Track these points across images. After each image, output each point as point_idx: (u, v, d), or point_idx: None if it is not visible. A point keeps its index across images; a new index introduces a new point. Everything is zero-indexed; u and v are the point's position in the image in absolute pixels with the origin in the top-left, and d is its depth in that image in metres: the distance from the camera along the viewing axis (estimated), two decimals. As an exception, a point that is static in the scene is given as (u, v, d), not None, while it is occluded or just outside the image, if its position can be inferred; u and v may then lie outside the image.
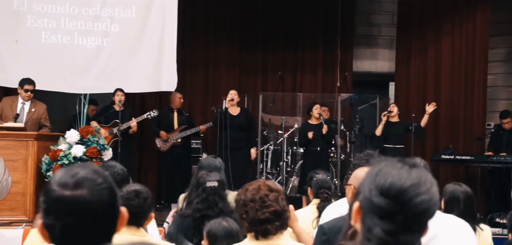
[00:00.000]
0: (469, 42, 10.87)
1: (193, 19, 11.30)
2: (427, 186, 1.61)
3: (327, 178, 4.72)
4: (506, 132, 9.92)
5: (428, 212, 1.60)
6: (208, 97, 11.43)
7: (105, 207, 1.59)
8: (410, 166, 1.63)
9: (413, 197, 1.58)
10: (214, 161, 4.94)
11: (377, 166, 1.66)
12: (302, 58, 11.66)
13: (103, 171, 1.64)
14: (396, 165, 1.64)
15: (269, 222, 2.86)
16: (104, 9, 9.86)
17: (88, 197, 1.56)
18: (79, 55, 9.75)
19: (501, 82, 11.40)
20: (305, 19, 11.59)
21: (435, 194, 1.61)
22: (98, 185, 1.59)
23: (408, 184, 1.59)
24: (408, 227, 1.58)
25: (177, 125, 10.08)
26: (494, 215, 9.03)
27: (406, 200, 1.58)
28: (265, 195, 2.90)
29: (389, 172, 1.62)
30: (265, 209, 2.86)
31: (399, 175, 1.60)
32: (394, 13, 11.74)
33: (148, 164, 11.16)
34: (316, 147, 9.74)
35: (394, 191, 1.59)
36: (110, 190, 1.62)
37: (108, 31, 9.87)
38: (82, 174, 1.60)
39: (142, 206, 3.23)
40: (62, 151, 7.92)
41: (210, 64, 11.54)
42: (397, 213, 1.58)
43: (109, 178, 1.64)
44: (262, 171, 10.42)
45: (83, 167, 1.63)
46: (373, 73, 12.14)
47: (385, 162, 1.66)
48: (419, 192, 1.58)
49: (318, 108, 9.87)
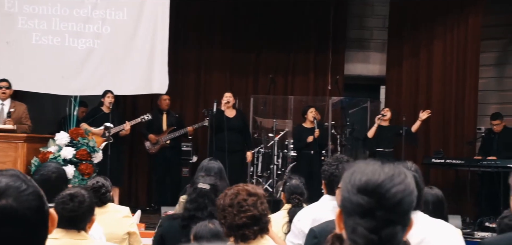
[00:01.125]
0: (461, 46, 10.89)
1: (185, 20, 11.29)
2: (401, 178, 1.63)
3: (300, 184, 4.72)
4: (497, 135, 9.93)
5: (405, 201, 1.62)
6: (199, 99, 11.43)
7: (34, 213, 1.49)
8: (382, 162, 1.67)
9: (389, 189, 1.61)
10: (213, 163, 4.96)
11: (351, 167, 1.69)
12: (294, 61, 11.67)
13: (25, 175, 1.54)
14: (369, 163, 1.67)
15: (247, 227, 2.86)
16: (95, 11, 9.85)
17: (14, 205, 1.46)
18: (70, 56, 9.73)
19: (492, 86, 11.42)
20: (297, 22, 11.60)
21: (410, 184, 1.64)
22: (22, 192, 1.48)
23: (383, 178, 1.62)
24: (389, 220, 1.60)
25: (166, 126, 10.09)
26: (484, 219, 9.06)
27: (382, 193, 1.60)
28: (243, 199, 2.89)
29: (363, 170, 1.65)
30: (242, 214, 2.86)
31: (373, 171, 1.64)
32: (385, 17, 11.76)
33: (138, 167, 11.15)
34: (310, 150, 9.75)
35: (371, 186, 1.61)
36: (36, 194, 1.51)
37: (100, 33, 9.86)
38: (4, 182, 1.48)
39: (77, 209, 3.15)
40: (52, 153, 7.90)
41: (202, 66, 11.53)
42: (376, 209, 1.60)
43: (32, 181, 1.54)
44: (252, 174, 10.42)
45: (3, 175, 1.51)
46: (364, 76, 12.15)
47: (357, 162, 1.69)
48: (394, 183, 1.61)
49: (313, 112, 9.87)
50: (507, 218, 3.26)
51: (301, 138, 9.85)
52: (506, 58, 11.30)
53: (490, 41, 11.21)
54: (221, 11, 11.44)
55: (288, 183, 4.73)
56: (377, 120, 9.86)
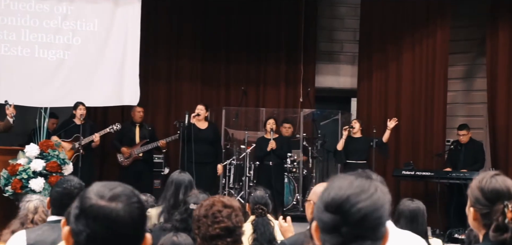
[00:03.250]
0: (429, 59, 11.03)
1: (156, 32, 11.27)
2: (370, 193, 1.63)
3: (264, 195, 4.71)
4: (463, 147, 10.06)
5: (370, 217, 1.61)
6: (170, 110, 11.39)
7: (134, 225, 1.63)
8: (357, 177, 1.66)
9: (353, 205, 1.60)
10: (183, 176, 4.95)
11: (328, 182, 1.70)
12: (265, 72, 11.69)
13: (138, 193, 1.69)
14: (341, 178, 1.67)
15: (220, 238, 2.86)
16: (66, 22, 9.79)
17: (121, 211, 1.61)
18: (40, 68, 9.65)
19: (460, 99, 11.59)
20: (268, 33, 11.65)
21: (378, 199, 1.63)
22: (132, 202, 1.64)
23: (348, 194, 1.62)
24: (355, 236, 1.61)
25: (138, 139, 10.02)
26: (453, 230, 9.15)
27: (346, 210, 1.60)
28: (218, 211, 2.90)
29: (332, 186, 1.65)
30: (216, 225, 2.87)
31: (340, 187, 1.64)
32: (356, 30, 11.87)
33: (109, 179, 11.00)
34: (269, 161, 9.81)
35: (335, 203, 1.62)
36: (142, 210, 1.67)
37: (70, 44, 9.80)
38: (120, 189, 1.65)
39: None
40: (21, 166, 7.81)
41: (173, 77, 11.49)
42: (342, 225, 1.60)
43: (143, 201, 1.69)
44: (224, 186, 10.41)
45: (121, 184, 1.68)
46: (335, 89, 12.24)
47: (334, 177, 1.69)
48: (359, 200, 1.61)
49: (271, 124, 9.92)
50: (476, 229, 3.31)
51: (262, 148, 9.91)
52: (474, 71, 11.48)
53: (458, 54, 11.38)
54: (192, 22, 11.43)
55: (253, 193, 4.74)
56: (344, 132, 9.93)
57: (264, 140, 9.97)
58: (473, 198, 2.40)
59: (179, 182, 4.89)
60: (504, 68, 10.39)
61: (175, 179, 4.93)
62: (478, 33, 11.13)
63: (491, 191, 2.35)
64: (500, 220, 2.29)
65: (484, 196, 2.36)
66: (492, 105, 10.55)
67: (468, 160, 9.95)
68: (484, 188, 2.37)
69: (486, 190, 2.36)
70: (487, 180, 2.38)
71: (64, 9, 9.76)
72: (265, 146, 9.82)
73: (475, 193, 2.39)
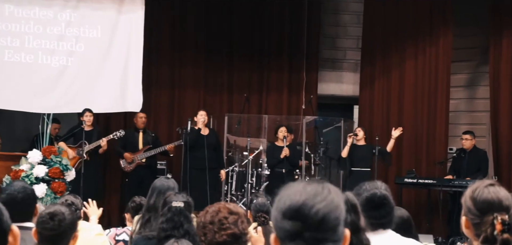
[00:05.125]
0: (432, 67, 11.03)
1: (159, 38, 11.30)
2: (324, 195, 1.64)
3: (266, 202, 4.72)
4: (466, 155, 10.04)
5: (329, 218, 1.63)
6: (173, 117, 11.40)
7: None
8: (308, 183, 1.68)
9: (310, 208, 1.62)
10: (167, 182, 4.79)
11: (279, 193, 1.71)
12: (268, 79, 11.71)
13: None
14: (294, 186, 1.69)
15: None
16: (69, 29, 9.81)
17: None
18: (43, 74, 9.67)
19: (463, 107, 11.58)
20: (270, 41, 11.67)
21: (333, 199, 1.64)
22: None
23: (303, 198, 1.63)
24: (317, 239, 1.62)
25: (142, 145, 10.04)
26: (456, 239, 9.12)
27: (304, 215, 1.62)
28: (224, 217, 2.91)
29: (287, 194, 1.67)
30: (222, 231, 2.87)
31: (295, 193, 1.65)
32: (359, 37, 11.88)
33: (111, 185, 11.04)
34: (282, 169, 9.80)
35: (293, 209, 1.63)
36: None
37: (73, 51, 9.82)
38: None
39: (57, 228, 3.14)
40: (24, 171, 7.83)
41: (176, 84, 11.51)
42: (303, 230, 1.61)
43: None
44: (227, 193, 10.41)
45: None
46: (338, 96, 12.25)
47: (285, 187, 1.71)
48: (315, 202, 1.62)
49: (283, 131, 9.94)
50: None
51: (274, 156, 9.90)
52: (476, 79, 11.48)
53: (460, 63, 11.38)
54: (195, 29, 11.45)
55: (255, 200, 4.74)
56: (349, 139, 9.93)
57: (276, 148, 9.96)
58: (465, 207, 2.41)
59: (164, 188, 4.68)
60: (507, 76, 10.38)
61: (158, 186, 4.73)
62: (481, 41, 11.13)
63: (483, 202, 2.35)
64: (489, 232, 2.28)
65: (476, 207, 2.36)
66: (495, 113, 10.54)
67: (472, 168, 9.93)
68: (476, 198, 2.37)
69: (478, 200, 2.36)
70: (480, 190, 2.38)
71: (67, 16, 9.79)
72: (278, 153, 9.82)
73: (468, 202, 2.39)
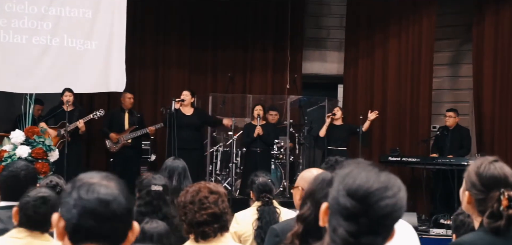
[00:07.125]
0: (415, 46, 11.06)
1: (143, 17, 11.24)
2: (394, 191, 1.62)
3: (268, 181, 4.76)
4: (450, 133, 10.09)
5: (392, 216, 1.61)
6: (157, 97, 11.37)
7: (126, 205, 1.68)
8: (380, 170, 1.65)
9: (379, 200, 1.59)
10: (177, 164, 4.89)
11: (347, 167, 1.67)
12: (252, 59, 11.70)
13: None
14: (366, 168, 1.65)
15: (207, 224, 2.88)
16: (51, 8, 9.71)
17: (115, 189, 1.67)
18: (26, 54, 9.57)
19: (446, 85, 11.64)
20: (255, 20, 11.65)
21: (401, 199, 1.62)
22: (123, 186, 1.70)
23: (376, 187, 1.60)
24: (372, 229, 1.60)
25: (127, 125, 10.01)
26: (439, 216, 9.21)
27: (371, 203, 1.59)
28: (205, 197, 2.91)
29: (358, 174, 1.63)
30: (203, 211, 2.88)
31: (367, 178, 1.62)
32: (342, 16, 11.87)
33: (96, 165, 10.99)
34: (257, 148, 9.81)
35: (361, 193, 1.60)
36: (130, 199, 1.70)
37: (56, 30, 9.72)
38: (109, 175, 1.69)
39: (49, 213, 3.13)
40: (7, 152, 7.77)
41: (160, 63, 11.47)
42: (361, 215, 1.59)
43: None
44: (211, 173, 10.42)
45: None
46: (322, 75, 12.25)
47: (355, 164, 1.67)
48: (385, 195, 1.60)
49: (258, 110, 9.93)
50: (462, 214, 3.32)
51: (249, 135, 9.93)
52: (460, 57, 11.52)
53: (444, 41, 11.42)
54: (180, 8, 11.39)
55: (256, 181, 4.74)
56: (327, 119, 9.97)
57: (251, 127, 9.97)
58: (469, 183, 2.41)
59: (172, 169, 4.84)
60: (490, 54, 10.43)
61: (169, 166, 4.88)
62: (465, 20, 11.16)
63: (489, 178, 2.36)
64: (495, 207, 2.30)
65: (481, 182, 2.37)
66: (478, 91, 10.60)
67: (454, 145, 10.01)
68: (482, 173, 2.37)
69: (484, 176, 2.37)
70: (485, 166, 2.38)
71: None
72: (252, 132, 9.83)
73: (472, 177, 2.40)
